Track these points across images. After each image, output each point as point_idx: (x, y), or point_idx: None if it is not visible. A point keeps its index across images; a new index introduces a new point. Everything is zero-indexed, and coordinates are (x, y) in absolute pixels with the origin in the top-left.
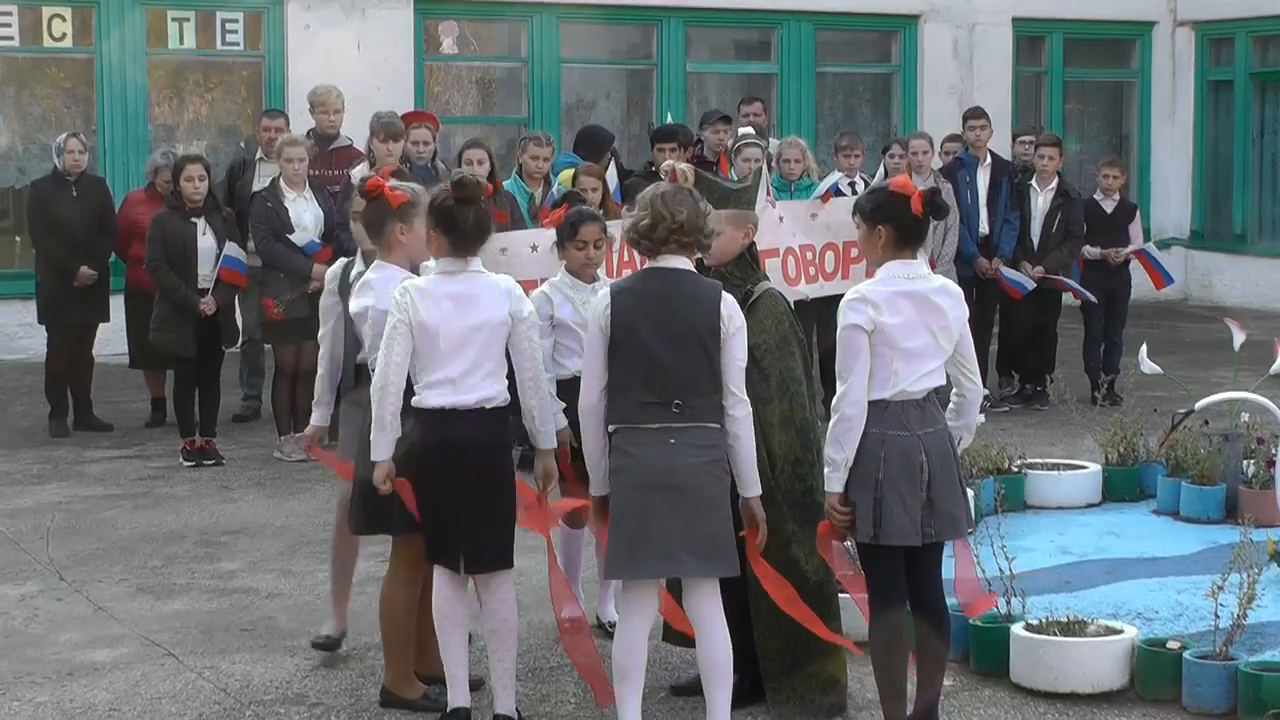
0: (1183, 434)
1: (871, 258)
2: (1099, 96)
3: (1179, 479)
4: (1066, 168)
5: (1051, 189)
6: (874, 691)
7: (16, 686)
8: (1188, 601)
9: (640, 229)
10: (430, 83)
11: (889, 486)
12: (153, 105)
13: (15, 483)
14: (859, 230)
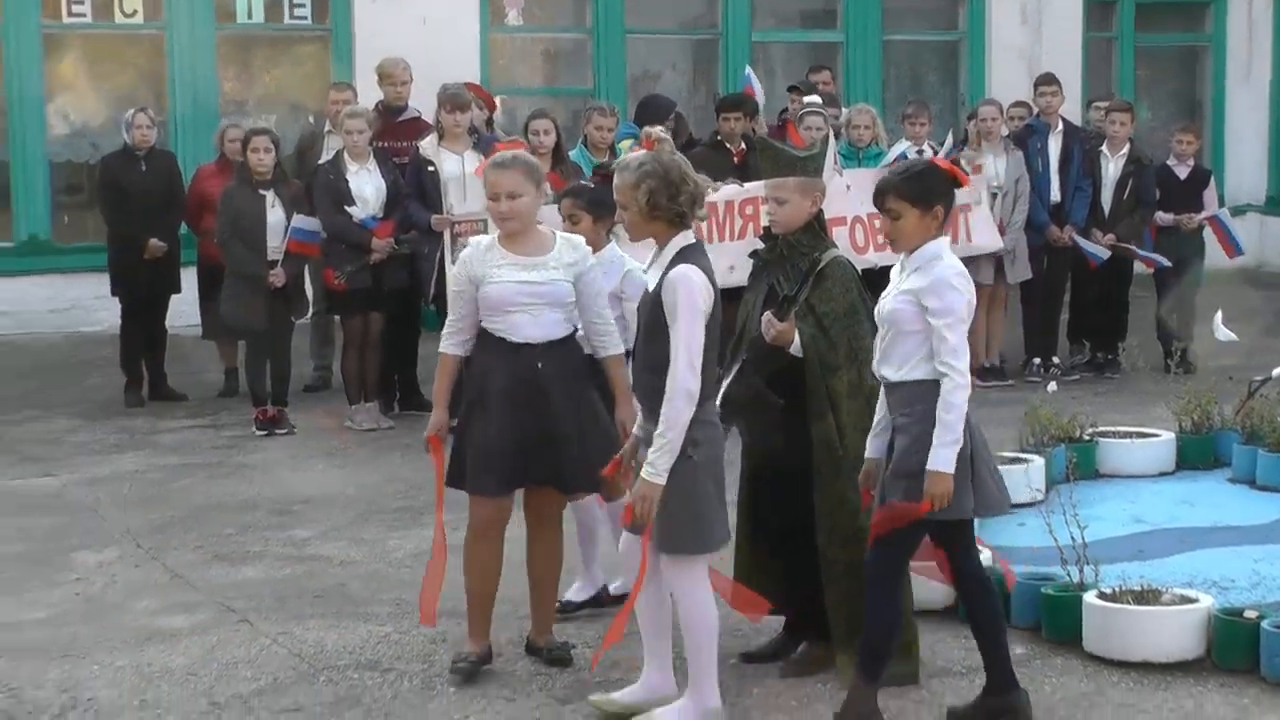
0: (1259, 402)
1: (916, 239)
2: (1170, 61)
3: (1254, 447)
4: (1138, 134)
5: (1123, 155)
6: (946, 660)
7: (95, 651)
8: (1265, 570)
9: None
10: (495, 55)
11: (979, 460)
12: (222, 80)
13: (93, 452)
14: (902, 215)
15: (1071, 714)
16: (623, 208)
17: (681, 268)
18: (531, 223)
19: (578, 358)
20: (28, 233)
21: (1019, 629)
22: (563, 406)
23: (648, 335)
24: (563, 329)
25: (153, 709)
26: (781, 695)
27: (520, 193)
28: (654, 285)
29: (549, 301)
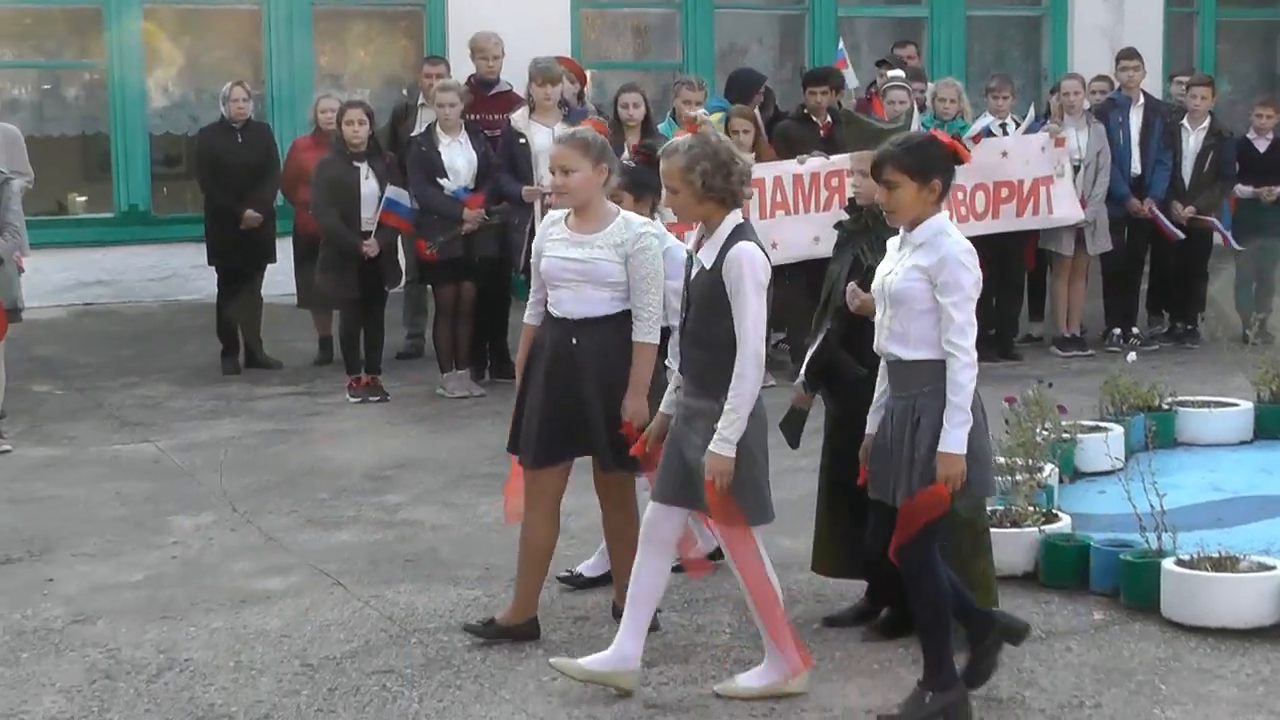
0: None
1: (912, 211)
2: (1251, 36)
3: None
4: (1218, 108)
5: (1204, 129)
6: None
7: (192, 613)
8: None
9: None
10: (587, 29)
11: (983, 438)
12: (318, 54)
13: (190, 418)
14: (900, 186)
15: (1149, 679)
16: (673, 191)
17: (743, 244)
18: (587, 198)
19: (618, 338)
20: (128, 204)
21: (1098, 594)
22: (595, 385)
23: (703, 313)
24: (605, 308)
25: (247, 670)
26: (863, 659)
27: (573, 168)
28: (711, 264)
29: (590, 279)
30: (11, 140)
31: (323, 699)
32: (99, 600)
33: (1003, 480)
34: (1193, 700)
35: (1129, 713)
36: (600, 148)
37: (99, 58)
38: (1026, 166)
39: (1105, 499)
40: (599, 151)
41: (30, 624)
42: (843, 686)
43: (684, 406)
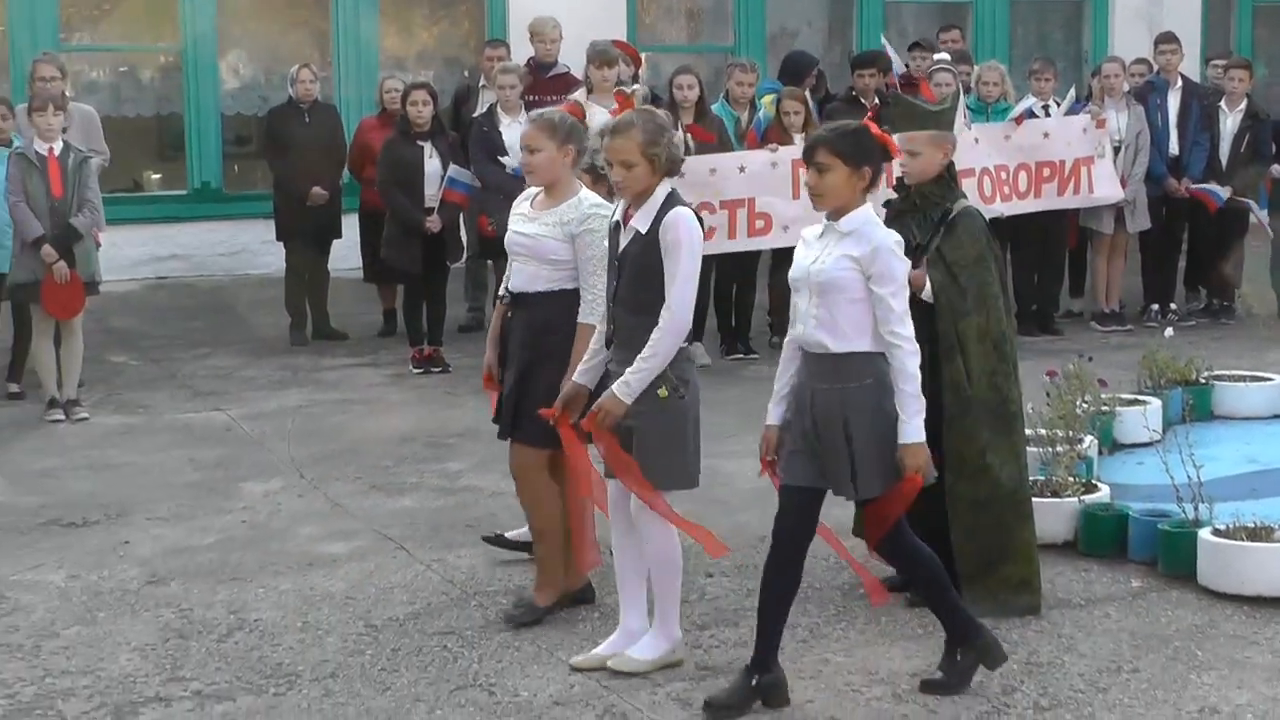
0: None
1: (841, 197)
2: None
3: None
4: (1255, 90)
5: (1241, 111)
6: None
7: (261, 575)
8: None
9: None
10: (642, 13)
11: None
12: (383, 37)
13: (259, 388)
14: (831, 169)
15: (1186, 645)
16: (628, 166)
17: (680, 209)
18: (553, 177)
19: (552, 315)
20: (200, 181)
21: (1136, 563)
22: (519, 358)
23: (637, 279)
24: (544, 284)
25: (313, 630)
26: (907, 624)
27: (538, 148)
28: (646, 229)
29: (534, 255)
30: (88, 120)
31: (386, 659)
32: (172, 562)
33: (1043, 451)
34: (1228, 666)
35: (1166, 678)
36: (568, 129)
37: (173, 41)
38: (1068, 147)
39: (1143, 470)
40: (566, 132)
41: (107, 585)
42: (887, 650)
43: (614, 377)
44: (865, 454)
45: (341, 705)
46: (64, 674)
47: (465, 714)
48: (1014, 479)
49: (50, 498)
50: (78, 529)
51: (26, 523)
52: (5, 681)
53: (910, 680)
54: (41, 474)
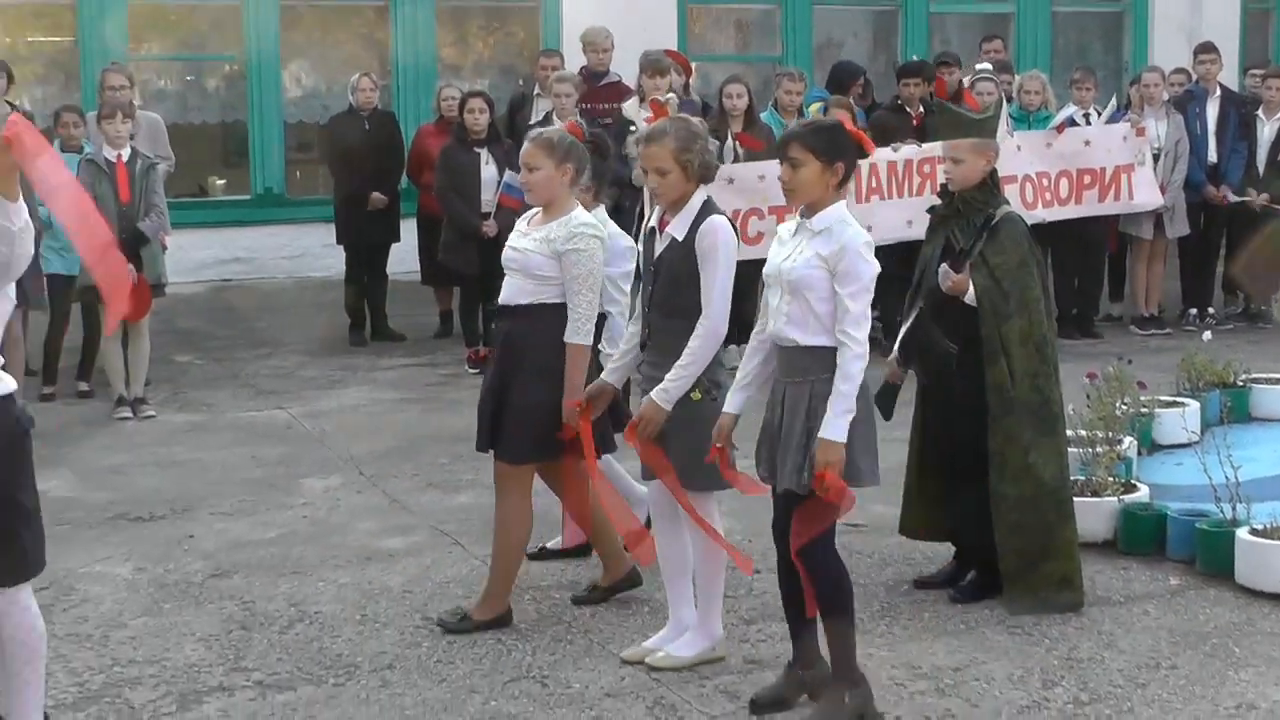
0: None
1: (813, 192)
2: None
3: None
4: None
5: (1278, 119)
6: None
7: (321, 569)
8: None
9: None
10: (692, 24)
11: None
12: (440, 47)
13: (319, 387)
14: (804, 164)
15: (1224, 642)
16: (662, 173)
17: (716, 216)
18: (550, 195)
19: (531, 327)
20: (263, 186)
21: (1175, 561)
22: (514, 372)
23: (673, 284)
24: (528, 298)
25: (372, 623)
26: (950, 619)
27: (536, 166)
28: (684, 235)
29: (522, 269)
30: (154, 128)
31: (442, 651)
32: (235, 556)
33: (1083, 452)
34: (1265, 663)
35: (1204, 674)
36: (565, 148)
37: (237, 50)
38: (1108, 154)
39: (1182, 470)
40: (564, 152)
41: (172, 577)
42: (931, 645)
43: (650, 381)
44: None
45: (398, 695)
46: (131, 663)
47: (519, 705)
48: (1056, 478)
49: (118, 493)
50: (145, 523)
51: (95, 517)
52: (75, 670)
53: (953, 674)
54: (110, 470)
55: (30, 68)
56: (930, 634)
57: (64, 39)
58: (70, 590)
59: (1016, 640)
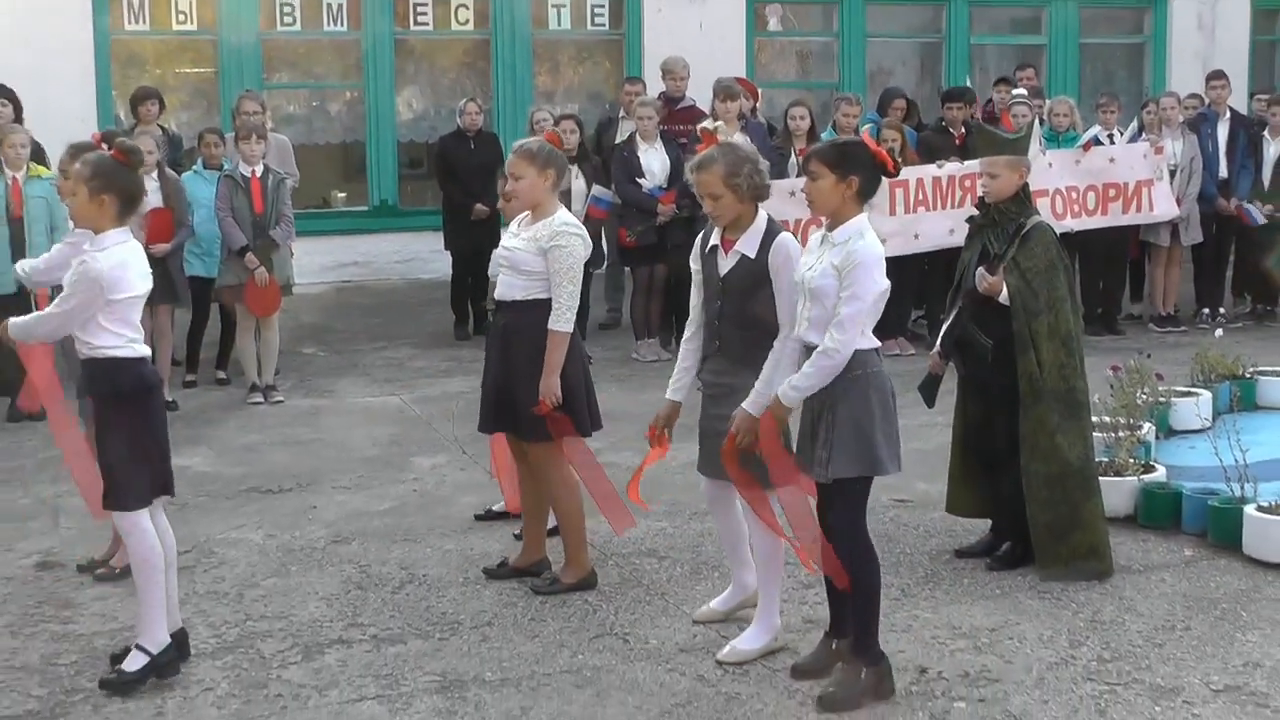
0: None
1: (830, 203)
2: None
3: None
4: None
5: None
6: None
7: (428, 536)
8: None
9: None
10: (759, 54)
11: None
12: (536, 74)
13: (427, 376)
14: (821, 177)
15: (1232, 607)
16: (715, 197)
17: (785, 235)
18: (534, 200)
19: (525, 319)
20: (379, 199)
21: (1189, 535)
22: (515, 361)
23: (745, 296)
24: (520, 293)
25: (473, 585)
26: (987, 585)
27: (520, 175)
28: (755, 253)
29: (513, 266)
30: (283, 148)
31: (535, 610)
32: (353, 524)
33: (1107, 436)
34: (1270, 625)
35: (1214, 636)
36: (545, 156)
37: (356, 79)
38: (1130, 171)
39: (1195, 453)
40: (544, 160)
41: (298, 543)
42: (969, 608)
43: (718, 386)
44: (841, 437)
45: (496, 649)
46: (262, 618)
47: (602, 658)
48: (1082, 459)
49: (251, 469)
50: (274, 495)
51: (231, 490)
52: (214, 624)
53: (989, 634)
54: (244, 448)
55: (178, 95)
56: (969, 598)
57: (206, 70)
58: (210, 554)
59: (1046, 604)
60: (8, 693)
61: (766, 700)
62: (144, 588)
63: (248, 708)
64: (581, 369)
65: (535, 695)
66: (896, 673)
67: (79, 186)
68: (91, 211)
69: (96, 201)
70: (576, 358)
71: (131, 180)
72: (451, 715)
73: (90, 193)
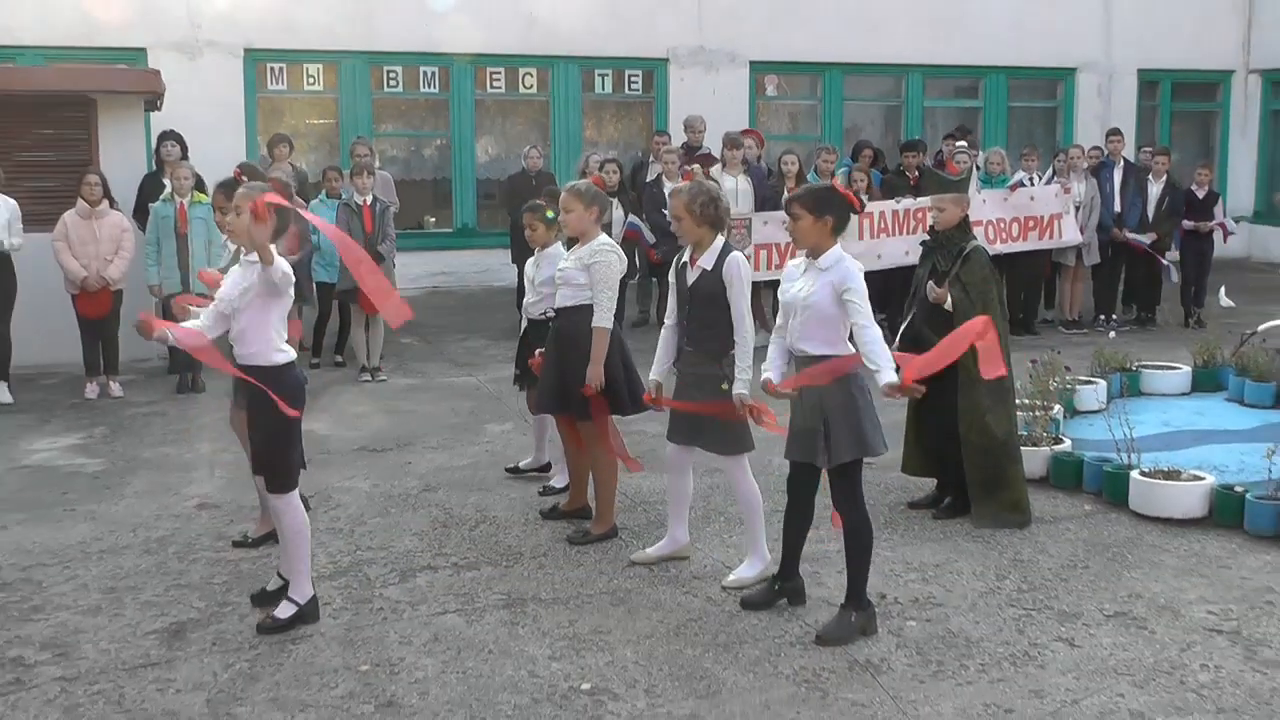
0: (1248, 347)
1: (810, 239)
2: (1194, 120)
3: (1244, 378)
4: (1172, 168)
5: (1163, 182)
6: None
7: (499, 487)
8: (1248, 460)
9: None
10: (760, 114)
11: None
12: (585, 127)
13: (498, 361)
14: (801, 217)
15: (1120, 551)
16: (679, 218)
17: (735, 254)
18: (582, 230)
19: (573, 321)
20: (461, 223)
21: (1088, 494)
22: (558, 357)
23: (706, 302)
24: (567, 301)
25: (534, 525)
26: (933, 530)
27: (571, 209)
28: (711, 268)
29: (566, 281)
30: (386, 182)
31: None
32: (439, 476)
33: (1026, 415)
34: (1149, 566)
35: (1106, 573)
36: (591, 195)
37: (445, 130)
38: (1046, 206)
39: (1094, 429)
40: (590, 198)
41: (396, 490)
42: (919, 549)
43: (691, 375)
44: (836, 428)
45: (549, 575)
46: (368, 549)
47: (633, 583)
48: (1007, 432)
49: (361, 433)
50: (378, 453)
51: (346, 448)
52: (331, 553)
53: (935, 569)
54: (356, 416)
55: (306, 140)
56: (919, 540)
57: (329, 121)
58: (329, 498)
59: (979, 546)
60: (176, 604)
61: (761, 617)
62: (294, 553)
63: (357, 619)
64: (619, 360)
65: (580, 610)
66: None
67: (242, 212)
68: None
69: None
70: (615, 350)
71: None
72: (514, 625)
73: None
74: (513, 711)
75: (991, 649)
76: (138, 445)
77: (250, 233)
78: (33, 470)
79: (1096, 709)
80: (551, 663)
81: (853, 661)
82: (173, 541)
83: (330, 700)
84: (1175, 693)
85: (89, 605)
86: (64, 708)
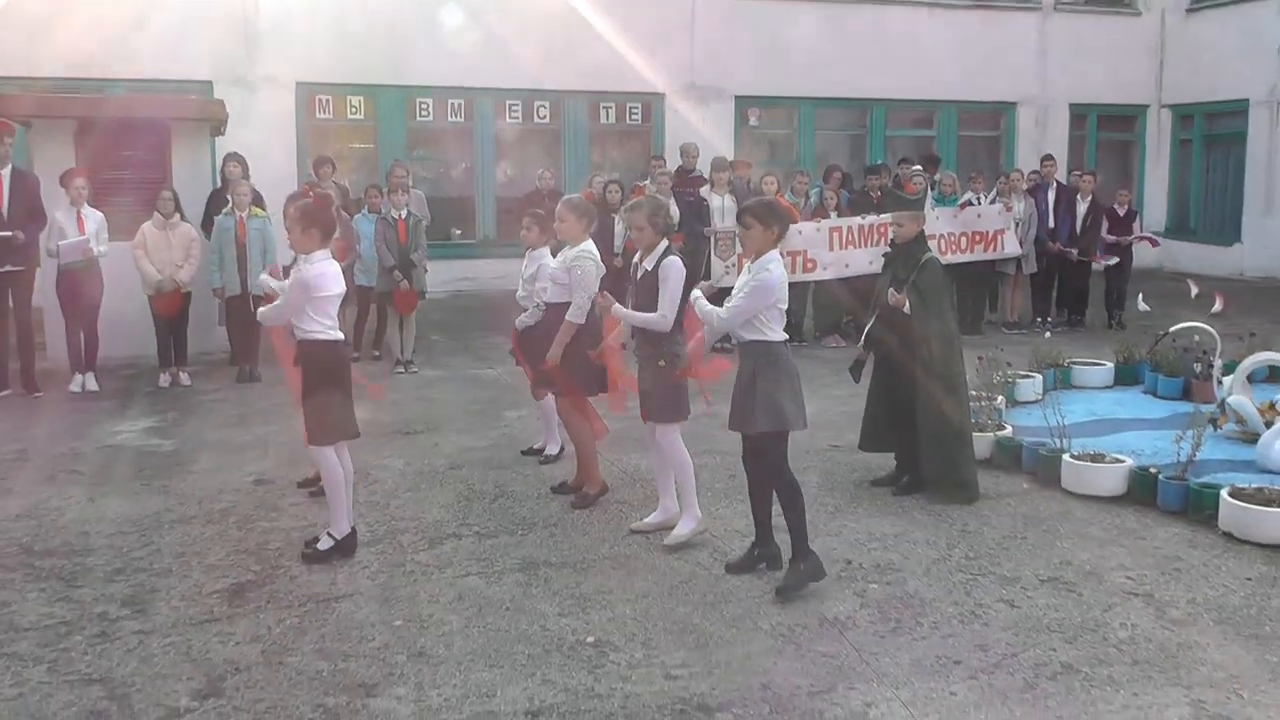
0: (1161, 346)
1: (759, 246)
2: (1116, 148)
3: (1157, 373)
4: (1097, 189)
5: (1089, 200)
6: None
7: (515, 465)
8: (1161, 445)
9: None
10: (743, 141)
11: (795, 385)
12: (591, 153)
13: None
14: (751, 227)
15: (1054, 525)
16: (638, 229)
17: (672, 257)
18: (572, 237)
19: (560, 316)
20: (484, 235)
21: (1026, 474)
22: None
23: (647, 297)
24: (557, 297)
25: (546, 497)
26: (891, 504)
27: (563, 219)
28: (652, 268)
29: (553, 280)
30: (420, 199)
31: (586, 516)
32: (463, 456)
33: (975, 404)
34: (1078, 538)
35: (1041, 543)
36: (582, 208)
37: (470, 154)
38: (991, 222)
39: (1031, 417)
40: (581, 210)
41: (425, 468)
42: (880, 520)
43: (640, 357)
44: (760, 404)
45: (559, 541)
46: (401, 519)
47: (632, 549)
48: (959, 420)
49: (395, 417)
50: (410, 435)
51: (382, 430)
52: (369, 524)
53: (894, 539)
54: (391, 403)
55: (348, 163)
56: (881, 513)
57: (368, 145)
58: (367, 475)
59: (931, 519)
60: (235, 568)
61: (743, 580)
62: (331, 496)
63: (391, 580)
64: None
65: (585, 573)
66: (830, 564)
67: (294, 223)
68: (304, 239)
69: (308, 234)
70: (587, 340)
71: (329, 217)
72: (529, 586)
73: (303, 227)
74: (526, 661)
75: (943, 608)
76: (203, 428)
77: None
78: (115, 449)
79: (1032, 661)
80: (560, 619)
81: (822, 618)
82: (233, 513)
83: (368, 651)
84: (1099, 647)
85: (162, 568)
86: (141, 657)
